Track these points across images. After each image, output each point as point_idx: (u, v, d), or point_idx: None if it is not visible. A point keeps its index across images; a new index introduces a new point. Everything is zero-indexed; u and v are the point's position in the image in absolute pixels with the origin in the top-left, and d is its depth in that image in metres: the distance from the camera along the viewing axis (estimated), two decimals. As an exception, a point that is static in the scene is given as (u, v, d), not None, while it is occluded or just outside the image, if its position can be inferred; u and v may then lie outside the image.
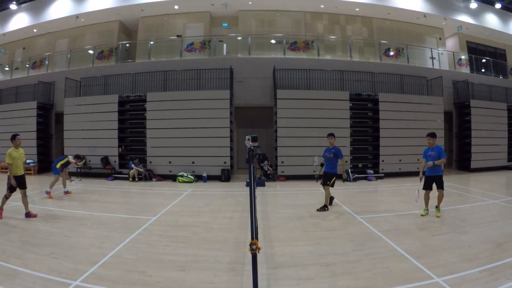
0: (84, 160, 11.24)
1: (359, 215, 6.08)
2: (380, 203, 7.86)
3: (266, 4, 14.55)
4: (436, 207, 5.90)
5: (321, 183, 6.69)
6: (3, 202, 5.80)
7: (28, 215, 5.83)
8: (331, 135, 6.74)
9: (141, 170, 10.95)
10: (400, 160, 11.67)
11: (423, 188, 6.00)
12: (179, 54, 13.82)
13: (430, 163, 5.77)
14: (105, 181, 10.80)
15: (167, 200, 7.63)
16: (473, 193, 8.39)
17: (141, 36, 15.21)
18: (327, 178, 6.51)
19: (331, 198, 6.83)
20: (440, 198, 5.86)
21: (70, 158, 8.51)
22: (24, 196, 5.86)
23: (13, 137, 5.90)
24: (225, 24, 15.47)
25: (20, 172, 5.89)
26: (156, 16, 15.25)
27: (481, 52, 17.07)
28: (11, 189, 5.75)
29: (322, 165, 6.82)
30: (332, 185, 6.51)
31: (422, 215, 5.86)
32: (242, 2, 14.32)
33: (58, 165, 8.15)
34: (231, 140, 11.53)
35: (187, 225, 5.47)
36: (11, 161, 5.70)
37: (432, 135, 6.00)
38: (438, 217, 5.73)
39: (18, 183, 5.76)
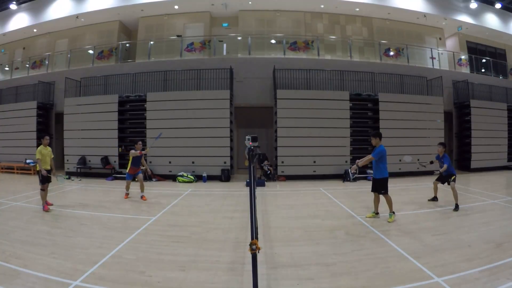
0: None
1: (359, 215, 6.09)
2: (379, 203, 7.85)
3: (266, 4, 14.56)
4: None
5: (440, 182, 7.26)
6: (44, 197, 6.44)
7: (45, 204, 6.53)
8: (442, 144, 7.22)
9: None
10: (400, 160, 11.60)
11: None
12: (179, 54, 13.82)
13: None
14: (105, 181, 10.80)
15: (167, 200, 7.64)
16: (473, 193, 8.37)
17: (141, 36, 15.23)
18: (447, 177, 7.05)
19: (435, 198, 7.38)
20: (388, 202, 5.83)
21: (132, 151, 7.73)
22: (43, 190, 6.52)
23: (42, 137, 6.82)
24: (225, 24, 15.47)
25: (48, 167, 6.63)
26: (156, 16, 15.26)
27: (481, 52, 17.09)
28: (43, 181, 6.44)
29: (431, 162, 7.45)
30: (454, 181, 6.87)
31: (367, 217, 5.90)
32: (242, 2, 14.33)
33: (128, 170, 7.86)
34: (231, 140, 11.53)
35: (187, 225, 5.47)
36: (40, 156, 6.50)
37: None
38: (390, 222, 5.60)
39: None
